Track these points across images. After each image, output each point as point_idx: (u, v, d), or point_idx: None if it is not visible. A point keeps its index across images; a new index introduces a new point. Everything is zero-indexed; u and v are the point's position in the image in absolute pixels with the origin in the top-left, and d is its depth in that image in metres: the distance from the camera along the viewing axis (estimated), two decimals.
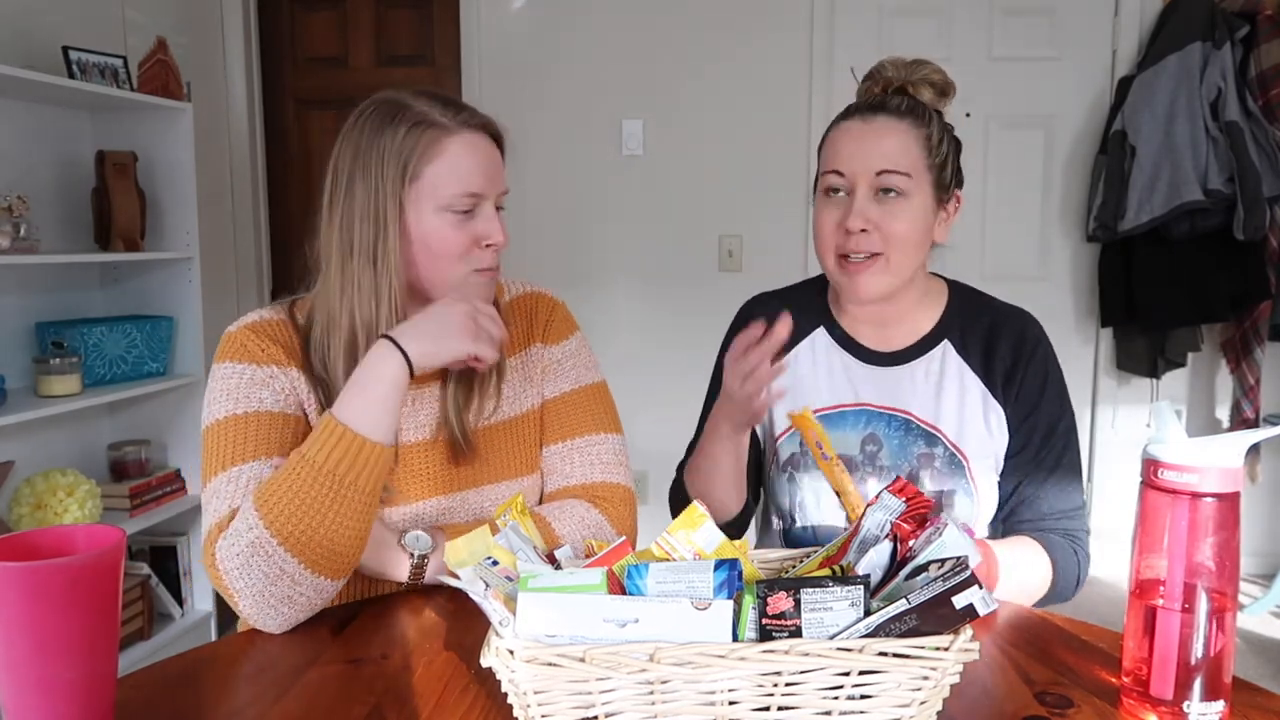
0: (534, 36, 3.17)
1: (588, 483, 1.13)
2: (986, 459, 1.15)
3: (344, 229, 1.02)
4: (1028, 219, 3.19)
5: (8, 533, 0.73)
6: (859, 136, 1.12)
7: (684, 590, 0.68)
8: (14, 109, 2.29)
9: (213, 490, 0.97)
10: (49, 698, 0.68)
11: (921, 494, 0.82)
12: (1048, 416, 1.15)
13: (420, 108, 1.02)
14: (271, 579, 0.90)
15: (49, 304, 2.42)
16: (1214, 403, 3.20)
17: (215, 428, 0.99)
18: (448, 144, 1.01)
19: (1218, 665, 0.73)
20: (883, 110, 1.12)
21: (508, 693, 0.67)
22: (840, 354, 1.21)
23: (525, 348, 1.17)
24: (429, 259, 1.03)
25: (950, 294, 1.22)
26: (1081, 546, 1.15)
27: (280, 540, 0.89)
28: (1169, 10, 2.95)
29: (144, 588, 2.47)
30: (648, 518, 3.63)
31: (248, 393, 1.01)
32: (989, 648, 0.88)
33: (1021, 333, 1.17)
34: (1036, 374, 1.16)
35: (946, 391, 1.16)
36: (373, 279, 1.01)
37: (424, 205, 1.01)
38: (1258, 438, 0.74)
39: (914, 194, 1.10)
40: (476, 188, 1.02)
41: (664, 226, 3.22)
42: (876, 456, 1.16)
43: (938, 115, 1.15)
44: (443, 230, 1.02)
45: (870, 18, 3.11)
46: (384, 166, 1.00)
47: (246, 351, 1.03)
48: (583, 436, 1.15)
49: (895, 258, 1.11)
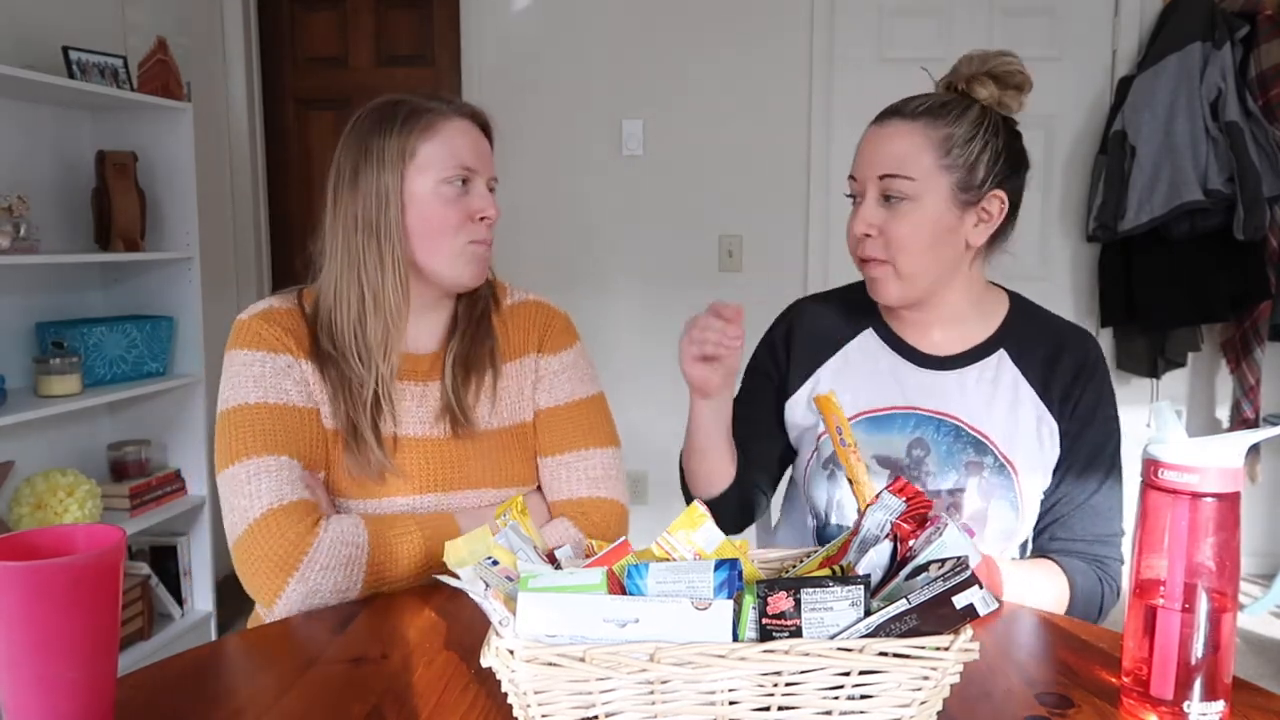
0: (534, 36, 3.17)
1: (578, 498, 1.15)
2: (1035, 472, 1.12)
3: (348, 212, 1.09)
4: (1028, 219, 3.16)
5: (8, 533, 0.73)
6: (871, 141, 1.12)
7: (684, 590, 0.68)
8: (14, 109, 2.29)
9: (259, 468, 1.01)
10: (49, 697, 0.68)
11: (922, 494, 0.82)
12: (1098, 438, 1.13)
13: (414, 99, 1.12)
14: (336, 590, 1.00)
15: (49, 304, 2.42)
16: (1214, 403, 3.20)
17: (244, 411, 1.04)
18: (442, 125, 1.10)
19: (1218, 665, 0.73)
20: (897, 114, 1.11)
21: (508, 693, 0.67)
22: (889, 354, 1.19)
23: (523, 356, 1.20)
24: (427, 233, 1.09)
25: (1011, 305, 1.21)
26: (1110, 575, 1.12)
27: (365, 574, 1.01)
28: (1169, 10, 2.95)
29: (144, 588, 2.47)
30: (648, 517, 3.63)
31: (273, 382, 1.06)
32: (989, 648, 0.88)
33: (1086, 352, 1.16)
34: (1094, 394, 1.14)
35: (999, 400, 1.14)
36: (378, 250, 1.08)
37: (421, 181, 1.09)
38: (1258, 438, 0.74)
39: (922, 197, 1.08)
40: (470, 162, 1.10)
41: (664, 226, 3.22)
42: (923, 462, 1.13)
43: (979, 111, 1.11)
44: (439, 204, 1.09)
45: (870, 18, 3.11)
46: (385, 150, 1.08)
47: (261, 339, 1.08)
48: (575, 451, 1.17)
49: (902, 262, 1.10)
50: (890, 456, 1.14)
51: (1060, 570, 1.09)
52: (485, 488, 1.13)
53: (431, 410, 1.13)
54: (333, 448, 1.09)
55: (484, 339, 1.17)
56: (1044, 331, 1.18)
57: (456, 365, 1.14)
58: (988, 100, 1.11)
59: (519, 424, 1.18)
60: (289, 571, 0.97)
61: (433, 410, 1.13)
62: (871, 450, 1.14)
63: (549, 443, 1.18)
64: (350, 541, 1.00)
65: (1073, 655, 0.87)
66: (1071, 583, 1.09)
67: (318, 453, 1.08)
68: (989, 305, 1.20)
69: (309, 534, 0.98)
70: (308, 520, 0.99)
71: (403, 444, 1.11)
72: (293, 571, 0.97)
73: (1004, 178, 1.13)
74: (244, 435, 1.03)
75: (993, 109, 1.12)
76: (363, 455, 1.07)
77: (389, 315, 1.09)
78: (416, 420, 1.13)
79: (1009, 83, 1.11)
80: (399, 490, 1.10)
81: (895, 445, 1.14)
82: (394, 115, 1.09)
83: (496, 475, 1.14)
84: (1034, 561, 1.12)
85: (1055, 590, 1.08)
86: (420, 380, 1.14)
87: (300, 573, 0.97)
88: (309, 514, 1.00)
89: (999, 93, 1.11)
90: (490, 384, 1.16)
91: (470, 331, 1.17)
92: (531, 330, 1.21)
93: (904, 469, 1.13)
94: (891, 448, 1.14)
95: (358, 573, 1.00)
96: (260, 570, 0.98)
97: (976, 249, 1.15)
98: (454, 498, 1.12)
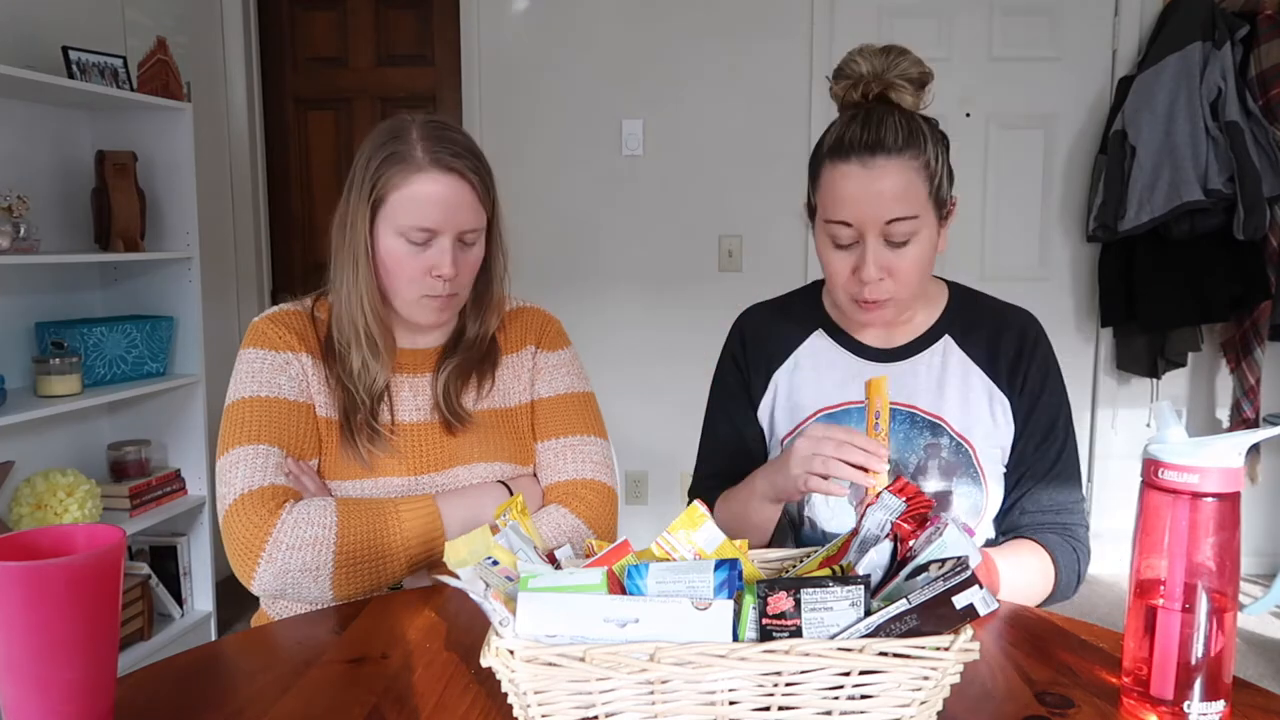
0: (534, 36, 3.17)
1: (575, 479, 1.19)
2: (993, 449, 1.16)
3: (338, 229, 1.15)
4: (1028, 219, 3.19)
5: (8, 533, 0.73)
6: (863, 183, 1.06)
7: (684, 590, 0.68)
8: (14, 109, 2.29)
9: (238, 457, 1.08)
10: (49, 697, 0.68)
11: (922, 493, 0.82)
12: (1049, 410, 1.17)
13: (409, 139, 1.11)
14: (306, 568, 1.04)
15: (49, 304, 2.42)
16: (1214, 403, 3.20)
17: (240, 404, 1.12)
18: (414, 179, 1.10)
19: (1218, 665, 0.73)
20: (880, 149, 1.05)
21: (508, 693, 0.67)
22: (841, 353, 1.22)
23: (522, 348, 1.27)
24: (386, 275, 1.14)
25: (950, 293, 1.23)
26: (1081, 542, 1.16)
27: (336, 552, 1.04)
28: (1169, 10, 2.95)
29: (144, 588, 2.47)
30: (648, 517, 3.63)
31: (269, 378, 1.14)
32: (989, 648, 0.88)
33: (1024, 328, 1.20)
34: (1039, 368, 1.17)
35: (949, 384, 1.17)
36: (354, 279, 1.14)
37: (385, 227, 1.12)
38: (1258, 438, 0.74)
39: (922, 229, 1.08)
40: (430, 223, 1.11)
41: (664, 227, 3.22)
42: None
43: (926, 125, 1.09)
44: (398, 253, 1.12)
45: (870, 18, 3.11)
46: (363, 185, 1.12)
47: (265, 338, 1.16)
48: (575, 436, 1.22)
49: (907, 294, 1.11)
50: None
51: (1041, 549, 1.13)
52: (476, 462, 1.18)
53: (425, 400, 1.20)
54: (327, 436, 1.15)
55: (485, 354, 1.24)
56: (984, 314, 1.21)
57: (451, 376, 1.20)
58: (912, 106, 1.09)
59: (510, 408, 1.24)
60: (257, 553, 1.03)
61: (426, 400, 1.20)
62: None
63: (547, 428, 1.23)
64: (315, 522, 1.05)
65: (1073, 655, 0.87)
66: (1054, 560, 1.12)
67: (308, 441, 1.14)
68: (931, 296, 1.22)
69: (272, 516, 1.04)
70: (271, 504, 1.05)
71: (398, 429, 1.18)
72: (260, 552, 1.03)
73: (952, 180, 1.13)
74: (233, 428, 1.11)
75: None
76: (352, 447, 1.14)
77: (367, 349, 1.15)
78: (413, 408, 1.19)
79: (923, 84, 1.09)
80: (394, 471, 1.15)
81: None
82: (382, 148, 1.11)
83: (486, 452, 1.19)
84: (1014, 546, 1.14)
85: (1042, 569, 1.11)
86: (415, 373, 1.21)
87: (267, 553, 1.03)
88: (274, 498, 1.06)
89: (917, 96, 1.09)
90: (489, 380, 1.23)
91: (471, 344, 1.23)
92: (530, 330, 1.28)
93: None
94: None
95: (326, 552, 1.04)
96: (235, 553, 1.05)
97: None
98: (446, 476, 1.17)
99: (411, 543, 1.08)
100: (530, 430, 1.24)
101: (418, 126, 1.12)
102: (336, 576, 1.04)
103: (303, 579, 1.04)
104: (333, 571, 1.04)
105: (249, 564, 1.03)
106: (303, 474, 1.11)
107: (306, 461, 1.13)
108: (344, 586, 1.05)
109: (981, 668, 0.83)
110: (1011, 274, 3.16)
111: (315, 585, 1.04)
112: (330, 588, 1.05)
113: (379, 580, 1.07)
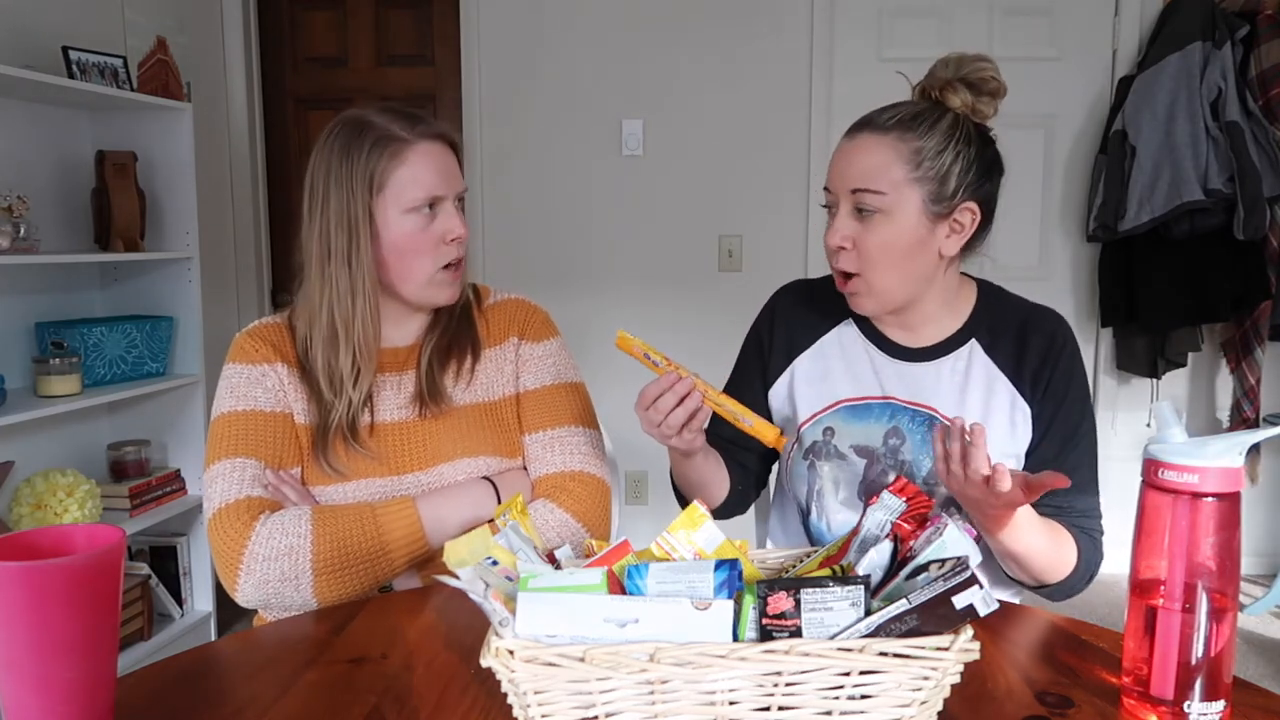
0: (534, 37, 3.17)
1: (561, 471, 1.19)
2: (1007, 459, 1.15)
3: (322, 237, 1.14)
4: (1028, 219, 3.19)
5: (8, 533, 0.73)
6: (844, 153, 1.12)
7: (684, 590, 0.68)
8: (14, 109, 2.29)
9: (216, 473, 1.09)
10: (49, 698, 0.68)
11: (922, 494, 0.82)
12: (1071, 418, 1.15)
13: (382, 123, 1.13)
14: (285, 578, 1.04)
15: (49, 304, 2.42)
16: (1214, 403, 3.20)
17: (220, 420, 1.14)
18: (408, 155, 1.12)
19: (1218, 665, 0.73)
20: (869, 126, 1.11)
21: (507, 693, 0.67)
22: (867, 347, 1.22)
23: (504, 342, 1.25)
24: (399, 259, 1.14)
25: (979, 294, 1.22)
26: (1099, 545, 1.15)
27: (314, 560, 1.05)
28: (1169, 10, 2.95)
29: (144, 588, 2.47)
30: (648, 517, 3.63)
31: (245, 391, 1.15)
32: (989, 648, 0.88)
33: (1052, 333, 1.17)
34: (1064, 375, 1.15)
35: (972, 390, 1.16)
36: (349, 279, 1.13)
37: (392, 210, 1.12)
38: (1258, 438, 0.74)
39: (893, 210, 1.08)
40: (437, 190, 1.13)
41: (664, 226, 3.22)
42: (899, 450, 1.16)
43: (951, 121, 1.10)
44: (410, 231, 1.13)
45: (870, 18, 3.11)
46: (354, 180, 1.11)
47: (244, 353, 1.18)
48: (564, 427, 1.22)
49: (873, 277, 1.11)
50: (867, 445, 1.17)
51: (1068, 532, 1.11)
52: (460, 458, 1.17)
53: (407, 395, 1.20)
54: (307, 443, 1.16)
55: (464, 332, 1.23)
56: (1011, 316, 1.20)
57: (434, 354, 1.20)
58: (961, 108, 1.11)
59: (493, 400, 1.23)
60: (236, 565, 1.04)
61: (408, 395, 1.20)
62: (850, 439, 1.18)
63: (533, 420, 1.22)
64: (290, 531, 1.05)
65: (1073, 655, 0.87)
66: (1079, 545, 1.11)
67: (288, 450, 1.14)
68: (960, 298, 1.21)
69: (246, 529, 1.05)
70: (246, 516, 1.06)
71: (378, 430, 1.17)
72: (239, 564, 1.04)
73: (976, 188, 1.13)
74: (213, 444, 1.13)
75: (966, 117, 1.12)
76: (333, 452, 1.14)
77: (358, 347, 1.14)
78: (394, 406, 1.19)
79: (983, 89, 1.11)
80: (376, 472, 1.15)
81: (873, 434, 1.17)
82: (361, 141, 1.12)
83: (470, 447, 1.18)
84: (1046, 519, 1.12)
85: (1069, 546, 1.10)
86: (398, 371, 1.21)
87: (245, 565, 1.04)
88: (249, 510, 1.07)
89: (973, 100, 1.11)
90: (469, 367, 1.22)
91: (450, 326, 1.23)
92: (513, 322, 1.27)
93: (880, 457, 1.16)
94: (869, 436, 1.17)
95: (302, 560, 1.04)
96: (218, 566, 1.06)
97: (950, 258, 1.15)
98: (430, 474, 1.16)
99: (391, 545, 1.08)
100: (516, 422, 1.23)
101: (377, 113, 1.14)
102: (318, 584, 1.04)
103: (283, 588, 1.04)
104: (313, 580, 1.04)
105: (230, 577, 1.05)
106: (283, 484, 1.12)
107: (288, 470, 1.14)
108: (327, 593, 1.05)
109: (981, 668, 0.83)
110: (1012, 274, 3.13)
111: (297, 594, 1.05)
112: (313, 595, 1.05)
113: (364, 584, 1.07)
